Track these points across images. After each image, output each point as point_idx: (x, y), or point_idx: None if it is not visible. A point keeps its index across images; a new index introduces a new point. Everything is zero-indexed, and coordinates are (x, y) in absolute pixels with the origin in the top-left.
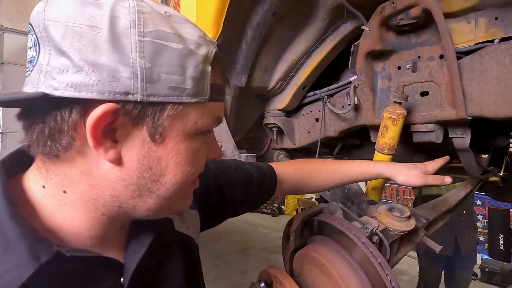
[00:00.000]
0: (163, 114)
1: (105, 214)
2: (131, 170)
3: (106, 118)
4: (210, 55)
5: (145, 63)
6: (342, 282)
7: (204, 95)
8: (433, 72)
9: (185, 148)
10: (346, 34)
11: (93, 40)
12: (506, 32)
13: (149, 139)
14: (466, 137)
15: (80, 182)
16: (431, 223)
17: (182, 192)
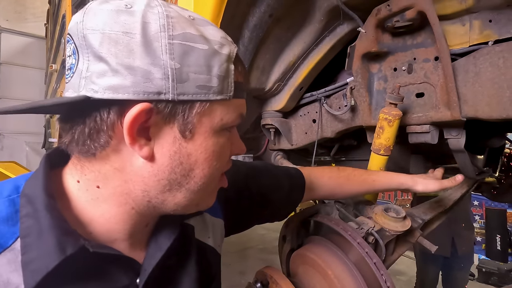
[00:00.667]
0: (192, 112)
1: (135, 208)
2: (163, 166)
3: (141, 117)
4: (232, 54)
5: (175, 64)
6: (338, 282)
7: (228, 92)
8: (428, 74)
9: (212, 143)
10: (342, 35)
11: (127, 45)
12: (500, 34)
13: (179, 135)
14: (461, 138)
15: (113, 178)
16: (427, 223)
17: (209, 187)
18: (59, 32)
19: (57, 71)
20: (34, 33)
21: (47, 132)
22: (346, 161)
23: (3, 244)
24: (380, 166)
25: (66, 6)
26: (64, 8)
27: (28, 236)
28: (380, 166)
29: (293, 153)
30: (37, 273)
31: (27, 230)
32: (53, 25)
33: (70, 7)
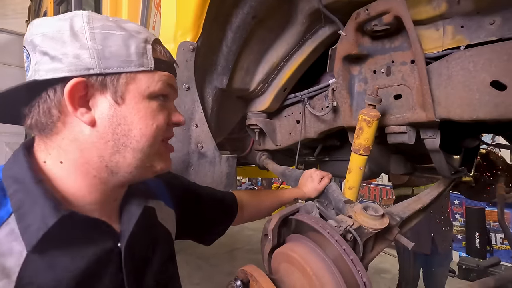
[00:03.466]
0: (119, 81)
1: (97, 176)
2: (106, 128)
3: (77, 88)
4: (149, 38)
5: (98, 46)
6: (316, 279)
7: (149, 65)
8: (405, 76)
9: (144, 106)
10: (324, 38)
11: (60, 38)
12: (470, 39)
13: (113, 102)
14: (436, 138)
15: (71, 151)
16: (405, 221)
17: (153, 147)
18: None
19: None
20: (15, 30)
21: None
22: (330, 161)
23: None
24: (360, 165)
25: (48, 3)
26: (46, 5)
27: (21, 208)
28: (360, 165)
29: (278, 154)
30: (37, 233)
31: (19, 203)
32: None
33: (52, 4)
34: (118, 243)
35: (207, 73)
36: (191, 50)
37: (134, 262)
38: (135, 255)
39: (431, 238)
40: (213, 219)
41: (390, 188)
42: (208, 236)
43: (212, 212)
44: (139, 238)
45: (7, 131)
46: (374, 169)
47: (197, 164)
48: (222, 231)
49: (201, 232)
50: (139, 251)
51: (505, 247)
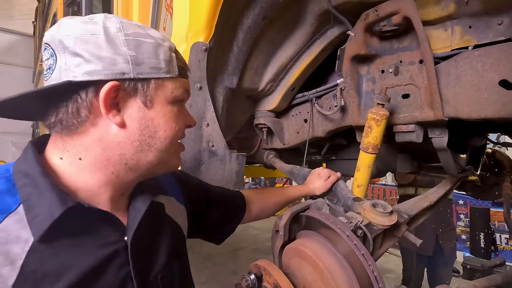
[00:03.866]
0: (150, 87)
1: (114, 173)
2: (134, 129)
3: (111, 92)
4: (172, 46)
5: (132, 52)
6: (328, 273)
7: (174, 72)
8: (414, 76)
9: (169, 110)
10: (333, 38)
11: (95, 42)
12: (478, 39)
13: (142, 105)
14: (444, 137)
15: (93, 148)
16: (413, 218)
17: (172, 147)
18: None
19: None
20: (21, 30)
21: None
22: (337, 160)
23: (9, 209)
24: (368, 163)
25: (57, 4)
26: (56, 7)
27: (29, 199)
28: (368, 163)
29: (285, 152)
30: (43, 224)
31: (27, 196)
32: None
33: (62, 6)
34: (125, 236)
35: (218, 73)
36: (203, 50)
37: (140, 255)
38: (142, 249)
39: (435, 239)
40: (222, 217)
41: (394, 188)
42: (218, 235)
43: (222, 211)
44: (145, 232)
45: (14, 130)
46: (381, 168)
47: (208, 162)
48: (231, 229)
49: (211, 230)
50: (146, 244)
51: (510, 247)
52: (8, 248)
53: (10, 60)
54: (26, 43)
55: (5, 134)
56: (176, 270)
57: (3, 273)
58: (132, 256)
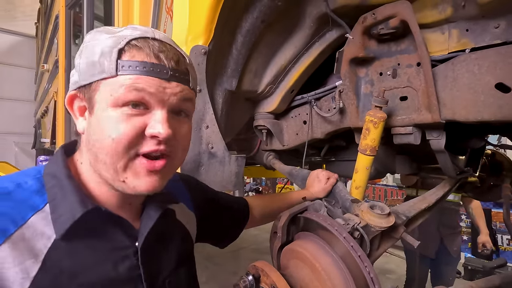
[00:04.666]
0: (89, 92)
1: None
2: (85, 136)
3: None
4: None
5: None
6: (325, 274)
7: (110, 71)
8: (411, 79)
9: (106, 116)
10: (331, 41)
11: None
12: (475, 42)
13: (88, 112)
14: (441, 139)
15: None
16: (411, 220)
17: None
18: (51, 32)
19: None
20: (24, 31)
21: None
22: (336, 161)
23: (37, 207)
24: (366, 165)
25: (59, 6)
26: (57, 9)
27: (54, 200)
28: (366, 165)
29: (284, 154)
30: (65, 223)
31: (53, 196)
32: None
33: (64, 8)
34: (136, 242)
35: (217, 76)
36: (203, 53)
37: (150, 260)
38: (152, 254)
39: (439, 242)
40: (228, 223)
41: (395, 188)
42: (223, 240)
43: (228, 217)
44: (155, 238)
45: (17, 131)
46: (380, 169)
47: (208, 163)
48: (236, 234)
49: (218, 235)
50: (155, 250)
51: (511, 248)
52: (34, 243)
53: (13, 61)
54: (28, 44)
55: (8, 135)
56: (183, 275)
57: (27, 265)
58: (142, 261)
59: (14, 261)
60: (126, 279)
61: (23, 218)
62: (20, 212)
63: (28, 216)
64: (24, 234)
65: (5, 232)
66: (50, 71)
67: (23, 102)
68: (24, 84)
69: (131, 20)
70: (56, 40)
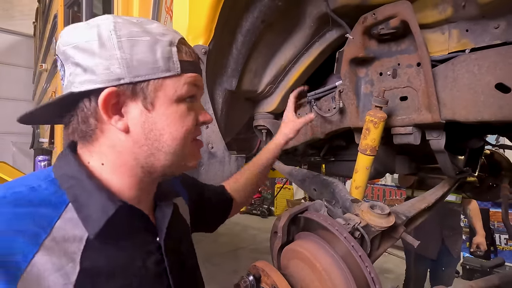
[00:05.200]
0: (148, 88)
1: (133, 176)
2: (139, 134)
3: (110, 98)
4: (174, 40)
5: (126, 55)
6: (326, 274)
7: (175, 69)
8: (411, 79)
9: (172, 111)
10: (331, 41)
11: (89, 49)
12: (476, 43)
13: (144, 109)
14: (441, 139)
15: (110, 154)
16: (411, 219)
17: (185, 148)
18: (50, 32)
19: (48, 71)
20: (22, 31)
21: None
22: (336, 161)
23: (59, 209)
24: (366, 165)
25: (58, 6)
26: (56, 8)
27: (77, 200)
28: (366, 165)
29: (284, 154)
30: (99, 221)
31: (75, 197)
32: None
33: (62, 7)
34: (156, 237)
35: (217, 76)
36: (203, 53)
37: (172, 253)
38: (172, 247)
39: (440, 244)
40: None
41: (394, 188)
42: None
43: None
44: (172, 232)
45: (15, 131)
46: (379, 169)
47: (208, 163)
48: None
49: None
50: (174, 243)
51: (509, 247)
52: (67, 246)
53: (10, 61)
54: (27, 44)
55: (6, 135)
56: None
57: (67, 270)
58: (166, 254)
59: (53, 267)
60: (154, 274)
61: (50, 222)
62: (45, 217)
63: (55, 220)
64: (55, 238)
65: (38, 239)
66: (49, 70)
67: (21, 101)
68: (22, 83)
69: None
70: (55, 39)
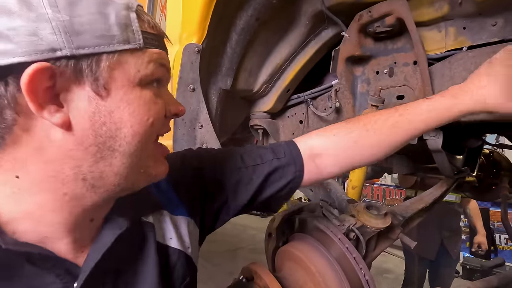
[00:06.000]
0: (100, 66)
1: (68, 193)
2: (85, 130)
3: (41, 78)
4: (131, 4)
5: (63, 16)
6: (319, 276)
7: (137, 41)
8: (408, 77)
9: (135, 97)
10: (327, 39)
11: (5, 7)
12: (473, 40)
13: (93, 94)
14: (438, 138)
15: (32, 162)
16: (408, 220)
17: (147, 149)
18: None
19: None
20: None
21: None
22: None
23: None
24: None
25: None
26: None
27: None
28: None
29: None
30: None
31: None
32: None
33: None
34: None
35: (211, 75)
36: (196, 52)
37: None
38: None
39: (440, 244)
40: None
41: (393, 188)
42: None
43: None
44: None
45: None
46: (377, 169)
47: None
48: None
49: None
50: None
51: (509, 247)
52: None
53: None
54: None
55: None
56: None
57: None
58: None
59: None
60: None
61: None
62: None
63: None
64: None
65: None
66: None
67: None
68: None
69: None
70: None
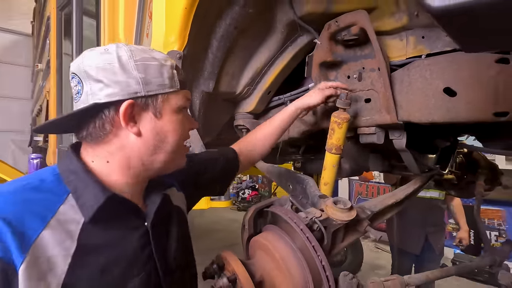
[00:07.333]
0: (158, 101)
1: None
2: (148, 137)
3: (128, 108)
4: (173, 64)
5: (141, 75)
6: (283, 263)
7: (176, 86)
8: (374, 82)
9: (175, 119)
10: (303, 45)
11: (111, 70)
12: (431, 49)
13: (153, 117)
14: (402, 139)
15: (117, 153)
16: (377, 214)
17: (179, 149)
18: (44, 33)
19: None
20: (20, 30)
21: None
22: (315, 159)
23: (62, 197)
24: (333, 163)
25: (51, 8)
26: (49, 10)
27: (77, 191)
28: (333, 163)
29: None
30: (91, 208)
31: (75, 188)
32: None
33: (55, 10)
34: (145, 222)
35: (194, 79)
36: (178, 58)
37: (158, 238)
38: (159, 232)
39: (424, 239)
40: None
41: (388, 186)
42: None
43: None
44: (160, 219)
45: (14, 128)
46: (354, 167)
47: None
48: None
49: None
50: (161, 229)
51: (499, 244)
52: (68, 226)
53: (10, 60)
54: (25, 42)
55: (5, 132)
56: (184, 251)
57: (66, 244)
58: (152, 237)
59: (56, 241)
60: (140, 254)
61: (55, 207)
62: (51, 202)
63: (58, 206)
64: (59, 220)
65: (45, 219)
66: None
67: (21, 100)
68: (21, 82)
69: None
70: (48, 41)
